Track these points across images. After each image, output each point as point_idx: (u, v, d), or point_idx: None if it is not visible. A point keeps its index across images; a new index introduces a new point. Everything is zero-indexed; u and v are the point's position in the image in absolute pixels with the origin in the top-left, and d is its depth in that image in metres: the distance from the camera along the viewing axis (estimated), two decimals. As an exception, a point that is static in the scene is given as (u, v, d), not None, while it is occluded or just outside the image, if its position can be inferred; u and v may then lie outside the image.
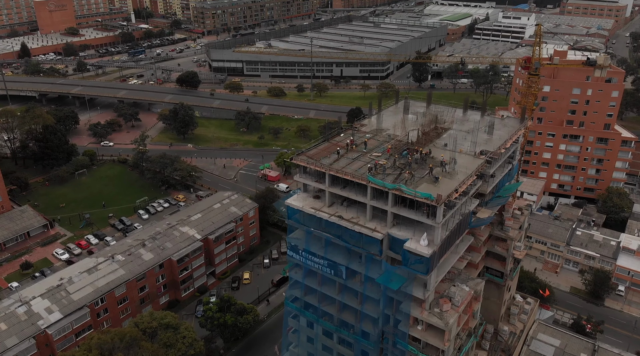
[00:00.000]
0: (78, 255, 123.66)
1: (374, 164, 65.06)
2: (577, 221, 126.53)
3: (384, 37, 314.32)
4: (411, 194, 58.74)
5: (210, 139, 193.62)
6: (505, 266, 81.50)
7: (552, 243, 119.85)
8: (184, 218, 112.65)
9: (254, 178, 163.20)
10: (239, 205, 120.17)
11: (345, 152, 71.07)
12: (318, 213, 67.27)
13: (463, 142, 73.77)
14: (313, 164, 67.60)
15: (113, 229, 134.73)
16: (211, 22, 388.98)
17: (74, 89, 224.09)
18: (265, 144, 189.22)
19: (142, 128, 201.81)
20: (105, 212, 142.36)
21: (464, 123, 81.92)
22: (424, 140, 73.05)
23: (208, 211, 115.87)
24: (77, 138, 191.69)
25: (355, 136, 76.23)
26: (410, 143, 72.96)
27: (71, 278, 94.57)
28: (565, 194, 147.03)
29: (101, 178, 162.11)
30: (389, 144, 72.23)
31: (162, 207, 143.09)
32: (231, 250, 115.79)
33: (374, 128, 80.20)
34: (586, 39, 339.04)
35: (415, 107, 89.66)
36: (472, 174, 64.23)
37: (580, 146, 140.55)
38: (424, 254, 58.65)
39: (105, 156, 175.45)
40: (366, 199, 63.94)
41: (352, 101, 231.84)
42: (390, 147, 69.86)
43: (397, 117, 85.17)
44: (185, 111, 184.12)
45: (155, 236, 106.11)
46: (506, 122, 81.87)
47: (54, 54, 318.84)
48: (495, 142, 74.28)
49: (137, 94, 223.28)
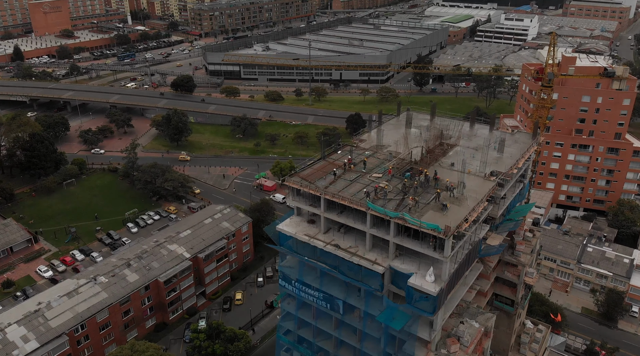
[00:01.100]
0: (62, 272, 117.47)
1: (374, 188, 58.92)
2: (588, 236, 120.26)
3: (384, 39, 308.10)
4: (416, 225, 52.54)
5: (204, 146, 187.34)
6: (516, 293, 75.24)
7: (562, 260, 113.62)
8: (172, 235, 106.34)
9: (249, 188, 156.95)
10: (232, 220, 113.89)
11: (342, 172, 64.95)
12: (312, 240, 61.07)
13: (471, 161, 67.55)
14: (307, 187, 61.45)
15: (100, 244, 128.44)
16: (208, 24, 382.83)
17: (65, 94, 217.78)
18: (261, 152, 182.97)
19: (135, 135, 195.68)
20: (93, 225, 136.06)
21: (472, 139, 75.70)
22: (428, 159, 66.84)
23: (198, 226, 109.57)
24: (67, 145, 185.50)
25: (353, 154, 70.11)
26: (413, 162, 66.80)
27: (50, 303, 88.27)
28: (573, 206, 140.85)
29: (90, 188, 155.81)
30: (391, 163, 66.03)
31: (153, 219, 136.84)
32: (223, 268, 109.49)
33: (374, 144, 74.03)
34: (590, 41, 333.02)
35: (419, 120, 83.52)
36: (483, 200, 58.03)
37: (590, 156, 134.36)
38: (430, 292, 52.43)
39: (95, 165, 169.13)
40: (365, 227, 57.77)
41: (352, 106, 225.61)
42: (392, 167, 63.64)
43: (398, 131, 78.95)
44: (179, 117, 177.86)
45: (142, 255, 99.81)
46: (517, 138, 75.63)
47: (47, 56, 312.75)
48: (507, 162, 68.06)
49: (130, 99, 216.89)
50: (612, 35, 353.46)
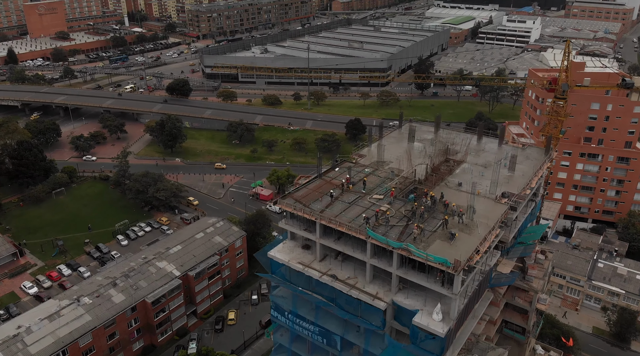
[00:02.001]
0: (48, 289, 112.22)
1: (375, 213, 53.57)
2: (598, 251, 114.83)
3: (384, 41, 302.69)
4: (422, 258, 47.18)
5: (200, 153, 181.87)
6: (528, 320, 69.93)
7: (572, 277, 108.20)
8: (162, 251, 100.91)
9: (244, 197, 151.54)
10: (225, 234, 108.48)
11: (340, 193, 59.61)
12: (307, 270, 55.71)
13: (480, 180, 62.20)
14: (301, 210, 56.10)
15: (88, 258, 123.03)
16: (206, 26, 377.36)
17: (57, 99, 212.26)
18: (258, 158, 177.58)
19: (128, 140, 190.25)
20: (82, 237, 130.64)
21: (480, 154, 70.32)
22: (434, 178, 61.43)
23: (189, 242, 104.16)
24: (59, 152, 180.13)
25: (352, 171, 64.77)
26: (417, 182, 61.45)
27: (30, 327, 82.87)
28: (582, 217, 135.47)
29: (80, 197, 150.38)
30: (393, 183, 60.67)
31: (144, 231, 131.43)
32: (215, 286, 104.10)
33: (374, 160, 68.64)
34: (594, 43, 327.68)
35: (422, 133, 78.19)
36: (495, 227, 52.65)
37: (599, 165, 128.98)
38: (437, 333, 47.07)
39: (86, 172, 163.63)
40: (365, 256, 52.42)
41: (351, 110, 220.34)
42: (394, 189, 58.24)
43: (401, 145, 73.60)
44: (173, 123, 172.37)
45: (129, 274, 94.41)
46: (528, 154, 70.21)
47: (42, 59, 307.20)
48: (518, 181, 62.71)
49: (124, 104, 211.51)
50: (615, 37, 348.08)
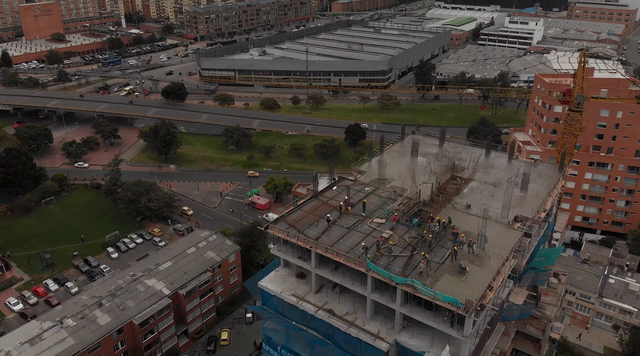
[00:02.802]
0: (34, 305, 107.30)
1: (376, 242, 48.59)
2: (609, 265, 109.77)
3: (385, 43, 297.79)
4: (429, 296, 42.22)
5: (195, 159, 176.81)
6: (540, 350, 64.92)
7: (582, 294, 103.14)
8: (151, 267, 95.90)
9: (240, 205, 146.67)
10: (218, 249, 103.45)
11: (338, 216, 54.67)
12: (301, 303, 50.74)
13: (490, 201, 57.28)
14: (294, 237, 51.08)
15: (76, 272, 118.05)
16: (204, 27, 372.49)
17: (50, 103, 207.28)
18: (255, 165, 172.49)
19: (122, 146, 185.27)
20: (71, 249, 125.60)
21: (488, 171, 65.34)
22: (440, 200, 56.43)
23: (180, 257, 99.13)
24: (50, 158, 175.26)
25: (351, 191, 59.83)
26: (422, 203, 56.46)
27: (9, 352, 77.84)
28: (590, 228, 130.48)
29: (71, 206, 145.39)
30: (396, 205, 55.70)
31: (135, 243, 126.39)
32: (207, 304, 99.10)
33: (375, 177, 63.69)
34: (597, 45, 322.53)
35: (426, 146, 73.18)
36: (510, 259, 47.65)
37: (609, 175, 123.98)
38: (446, 380, 42.17)
39: (77, 180, 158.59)
40: (366, 290, 47.46)
41: (351, 114, 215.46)
42: (397, 213, 53.23)
43: (403, 161, 68.66)
44: (167, 128, 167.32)
45: (115, 292, 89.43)
46: (541, 171, 65.21)
47: (37, 61, 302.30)
48: (532, 202, 57.74)
49: (119, 108, 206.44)
50: (619, 38, 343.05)
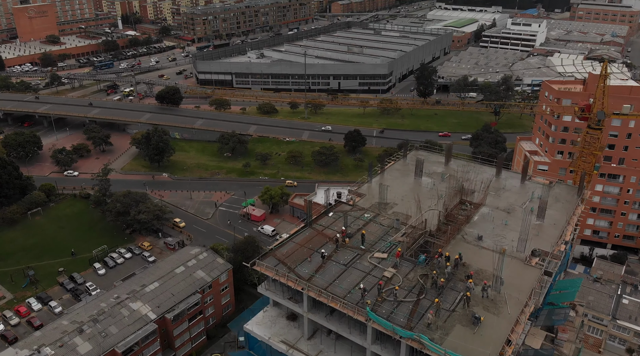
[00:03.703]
0: (16, 326, 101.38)
1: (378, 285, 42.78)
2: (622, 284, 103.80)
3: (385, 46, 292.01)
4: (439, 354, 36.39)
5: (189, 167, 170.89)
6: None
7: (594, 315, 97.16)
8: (136, 289, 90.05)
9: (235, 217, 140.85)
10: (208, 267, 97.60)
11: (334, 249, 48.88)
12: (292, 352, 44.87)
13: (503, 230, 51.53)
14: (284, 277, 45.28)
15: (61, 290, 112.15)
16: (202, 29, 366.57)
17: (41, 108, 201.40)
18: (251, 173, 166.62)
19: (114, 153, 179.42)
20: (56, 265, 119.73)
21: (500, 193, 59.53)
22: (449, 230, 50.58)
23: (168, 277, 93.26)
24: (39, 166, 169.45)
25: (349, 217, 54.03)
26: (429, 234, 50.65)
27: (-21, 384, 72.11)
28: (600, 242, 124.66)
29: (58, 217, 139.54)
30: (399, 236, 49.87)
31: (123, 258, 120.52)
32: (197, 327, 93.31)
33: (375, 201, 57.90)
34: (601, 47, 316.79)
35: (430, 164, 67.41)
36: (530, 304, 41.80)
37: (620, 187, 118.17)
38: None
39: (67, 189, 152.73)
40: (365, 341, 41.64)
41: (351, 119, 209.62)
42: (400, 248, 47.42)
43: (406, 181, 62.88)
44: (160, 135, 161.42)
45: (98, 317, 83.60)
46: (557, 194, 59.38)
47: (31, 64, 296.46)
48: (549, 232, 51.95)
49: (111, 113, 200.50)
50: (623, 40, 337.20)
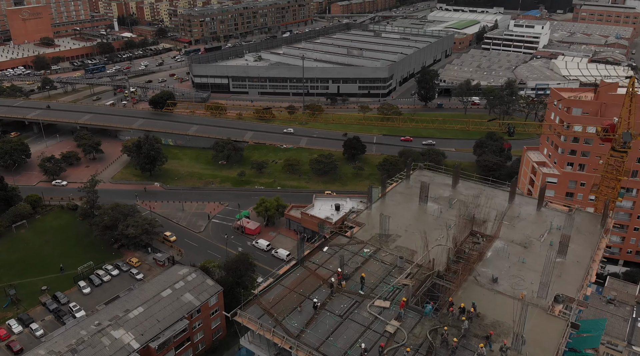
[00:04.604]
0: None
1: (379, 349, 36.65)
2: (637, 305, 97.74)
3: (385, 48, 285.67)
4: None
5: (182, 176, 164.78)
6: None
7: (608, 341, 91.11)
8: (119, 315, 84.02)
9: (228, 229, 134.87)
10: (197, 290, 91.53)
11: (328, 295, 42.81)
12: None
13: (521, 270, 45.47)
14: (269, 331, 39.17)
15: (44, 310, 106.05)
16: (199, 31, 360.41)
17: (30, 114, 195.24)
18: (246, 182, 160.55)
19: (105, 161, 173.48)
20: (40, 282, 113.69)
21: (515, 224, 53.47)
22: (459, 270, 44.46)
23: (153, 301, 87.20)
24: (27, 175, 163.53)
25: (346, 253, 47.96)
26: (437, 274, 44.57)
27: None
28: (612, 258, 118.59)
29: (44, 230, 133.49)
30: (403, 278, 43.82)
31: (110, 275, 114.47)
32: (185, 355, 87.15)
33: (376, 233, 51.84)
34: (605, 49, 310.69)
35: (436, 186, 61.33)
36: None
37: (634, 201, 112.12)
38: None
39: (54, 200, 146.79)
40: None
41: (350, 126, 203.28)
42: (405, 298, 41.28)
43: (410, 207, 56.81)
44: (151, 143, 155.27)
45: (77, 347, 77.59)
46: (578, 224, 53.26)
47: (23, 67, 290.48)
48: (573, 272, 45.89)
49: (103, 119, 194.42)
50: (628, 42, 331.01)
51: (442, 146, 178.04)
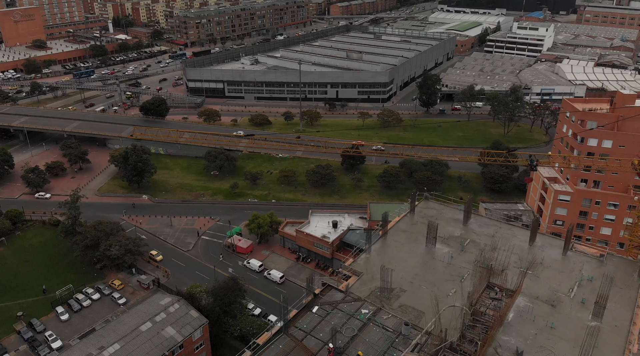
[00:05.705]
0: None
1: None
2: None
3: (385, 51, 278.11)
4: None
5: (172, 188, 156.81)
6: None
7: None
8: (93, 354, 76.18)
9: (218, 247, 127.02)
10: (180, 323, 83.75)
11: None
12: None
13: (550, 338, 37.70)
14: None
15: (18, 339, 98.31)
16: (195, 33, 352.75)
17: (16, 121, 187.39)
18: (239, 195, 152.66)
19: (92, 172, 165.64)
20: (15, 308, 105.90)
21: (538, 273, 45.76)
22: (477, 338, 36.74)
23: (131, 337, 79.47)
24: (9, 187, 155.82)
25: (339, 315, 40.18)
26: (450, 347, 36.83)
27: None
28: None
29: (24, 249, 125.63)
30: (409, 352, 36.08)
31: (90, 299, 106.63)
32: (165, 397, 79.49)
33: (375, 286, 44.09)
34: (611, 52, 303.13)
35: (445, 222, 53.62)
36: None
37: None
38: None
39: (36, 215, 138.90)
40: None
41: (349, 133, 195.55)
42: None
43: (415, 250, 49.08)
44: (139, 154, 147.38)
45: (43, 392, 69.82)
46: (611, 272, 45.35)
47: (14, 71, 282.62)
48: (611, 340, 38.13)
49: (91, 127, 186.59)
50: (634, 45, 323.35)
51: (444, 153, 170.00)
